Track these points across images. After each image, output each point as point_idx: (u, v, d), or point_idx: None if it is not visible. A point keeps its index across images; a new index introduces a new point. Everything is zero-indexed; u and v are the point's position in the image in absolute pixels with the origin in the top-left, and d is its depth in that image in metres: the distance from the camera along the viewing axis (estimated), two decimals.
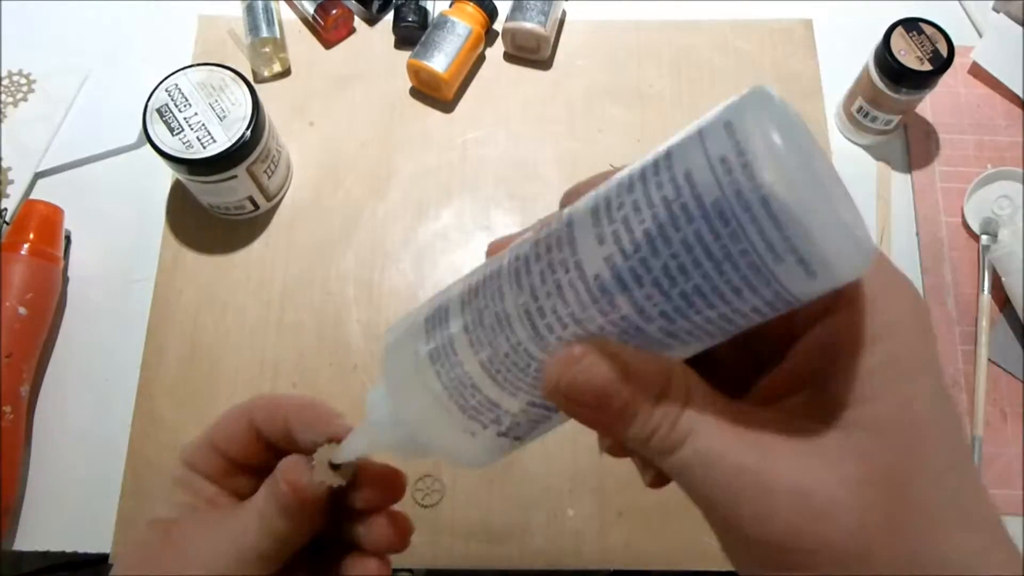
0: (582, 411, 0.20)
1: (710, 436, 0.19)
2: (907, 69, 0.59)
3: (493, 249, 0.23)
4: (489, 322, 0.21)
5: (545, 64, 0.72)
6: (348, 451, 0.26)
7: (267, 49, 0.69)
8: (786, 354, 0.20)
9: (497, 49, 0.72)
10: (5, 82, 0.70)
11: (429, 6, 0.72)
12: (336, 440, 0.27)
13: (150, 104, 0.58)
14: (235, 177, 0.59)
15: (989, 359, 0.61)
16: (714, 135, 0.18)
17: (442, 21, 0.68)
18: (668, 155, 0.19)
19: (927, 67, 0.59)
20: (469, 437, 0.22)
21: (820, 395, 0.19)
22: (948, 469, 0.18)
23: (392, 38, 0.72)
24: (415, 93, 0.70)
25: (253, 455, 0.29)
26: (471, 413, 0.22)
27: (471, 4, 0.69)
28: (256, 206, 0.64)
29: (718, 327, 0.19)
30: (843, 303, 0.19)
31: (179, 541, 0.27)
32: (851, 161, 0.68)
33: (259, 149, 0.59)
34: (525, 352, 0.20)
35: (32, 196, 0.66)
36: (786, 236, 0.17)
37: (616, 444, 0.23)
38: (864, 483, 0.18)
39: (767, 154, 0.17)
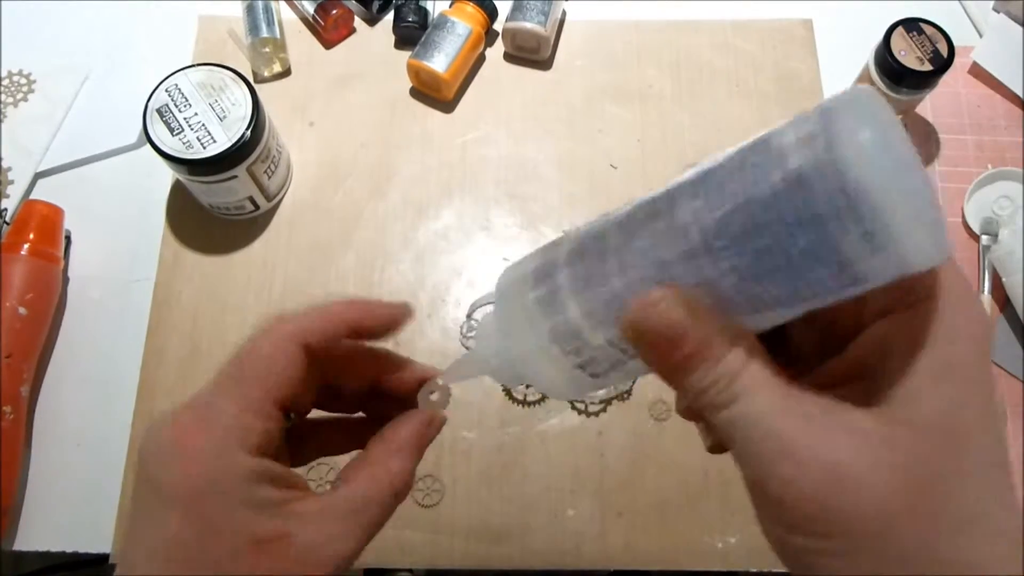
0: (652, 352, 0.21)
1: (760, 399, 0.20)
2: (907, 69, 0.59)
3: None
4: (589, 261, 0.23)
5: (545, 64, 0.72)
6: (457, 376, 0.29)
7: (267, 49, 0.69)
8: (849, 344, 0.22)
9: (497, 49, 0.72)
10: (5, 82, 0.70)
11: (429, 6, 0.72)
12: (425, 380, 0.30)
13: (150, 104, 0.58)
14: (235, 177, 0.59)
15: None
16: (806, 118, 0.20)
17: (442, 21, 0.68)
18: (767, 134, 0.21)
19: (927, 67, 0.59)
20: (551, 363, 0.25)
21: (873, 388, 0.20)
22: (980, 476, 0.19)
23: (392, 38, 0.72)
24: (415, 93, 0.70)
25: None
26: (557, 337, 0.24)
27: (471, 4, 0.69)
28: (256, 206, 0.64)
29: (787, 296, 0.20)
30: (909, 304, 0.20)
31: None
32: None
33: (259, 149, 0.59)
34: (612, 289, 0.22)
35: (32, 196, 0.66)
36: (854, 207, 0.18)
37: (689, 408, 0.25)
38: (895, 470, 0.19)
39: (848, 135, 0.18)
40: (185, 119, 0.57)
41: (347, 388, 0.30)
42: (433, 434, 0.29)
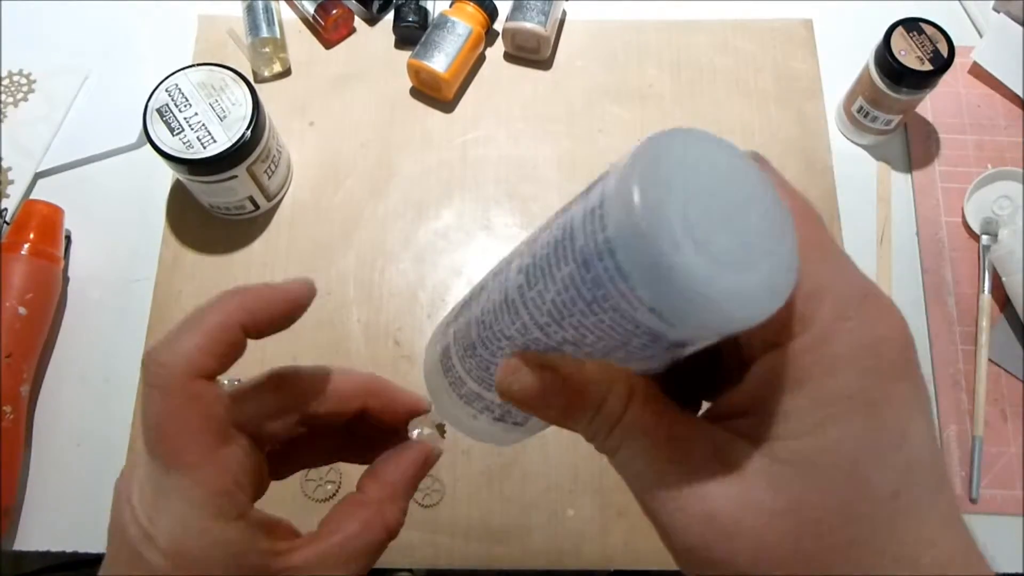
0: (530, 412, 0.22)
1: (640, 446, 0.20)
2: (907, 69, 0.59)
3: None
4: (464, 338, 0.24)
5: (545, 64, 0.72)
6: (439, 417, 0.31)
7: (267, 49, 0.69)
8: (745, 375, 0.21)
9: (497, 49, 0.72)
10: (5, 82, 0.70)
11: (429, 6, 0.72)
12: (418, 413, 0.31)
13: (150, 104, 0.58)
14: (235, 177, 0.59)
15: (989, 359, 0.61)
16: (598, 185, 0.19)
17: (442, 21, 0.68)
18: (570, 203, 0.20)
19: (927, 67, 0.59)
20: (475, 421, 0.26)
21: (760, 422, 0.19)
22: (869, 511, 0.18)
23: (392, 38, 0.72)
24: (415, 93, 0.70)
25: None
26: (467, 401, 0.26)
27: (471, 4, 0.69)
28: (256, 206, 0.64)
29: (626, 357, 0.20)
30: (796, 332, 0.19)
31: None
32: (851, 161, 0.68)
33: (259, 149, 0.59)
34: (482, 359, 0.24)
35: (32, 196, 0.66)
36: (632, 288, 0.17)
37: None
38: (776, 514, 0.18)
39: (618, 205, 0.17)
40: (185, 119, 0.57)
41: (328, 418, 0.29)
42: (428, 468, 0.29)
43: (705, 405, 0.24)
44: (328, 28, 0.70)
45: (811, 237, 0.20)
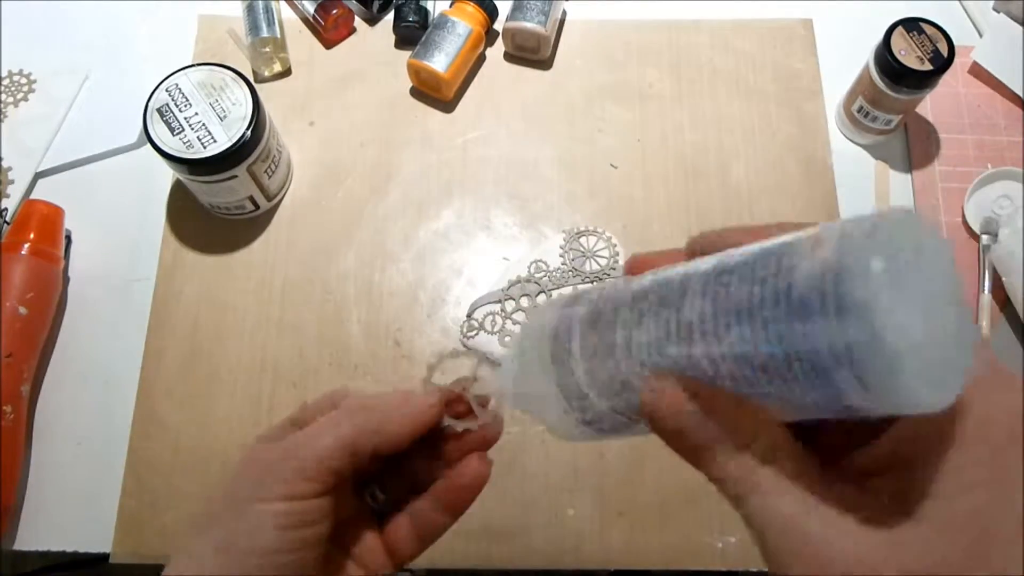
0: (665, 438, 0.22)
1: (779, 497, 0.20)
2: (907, 69, 0.59)
3: (634, 264, 0.26)
4: (601, 331, 0.24)
5: (545, 64, 0.72)
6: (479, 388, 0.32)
7: (267, 49, 0.69)
8: (884, 433, 0.21)
9: (497, 49, 0.72)
10: (5, 82, 0.70)
11: (429, 6, 0.72)
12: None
13: (150, 104, 0.58)
14: (235, 177, 0.59)
15: None
16: (829, 239, 0.18)
17: (442, 21, 0.68)
18: (784, 243, 0.20)
19: (927, 67, 0.59)
20: (563, 416, 0.26)
21: (904, 482, 0.19)
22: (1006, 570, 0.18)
23: (392, 38, 0.72)
24: (415, 93, 0.70)
25: None
26: (565, 394, 0.26)
27: (471, 4, 0.69)
28: (256, 206, 0.64)
29: (790, 409, 0.20)
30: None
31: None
32: (851, 161, 0.68)
33: (259, 149, 0.59)
34: (616, 365, 0.23)
35: (32, 196, 0.66)
36: (848, 349, 0.17)
37: None
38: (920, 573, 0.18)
39: (860, 273, 0.17)
40: (185, 119, 0.57)
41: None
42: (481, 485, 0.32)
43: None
44: (328, 28, 0.70)
45: None
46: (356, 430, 0.29)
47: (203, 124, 0.57)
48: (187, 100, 0.58)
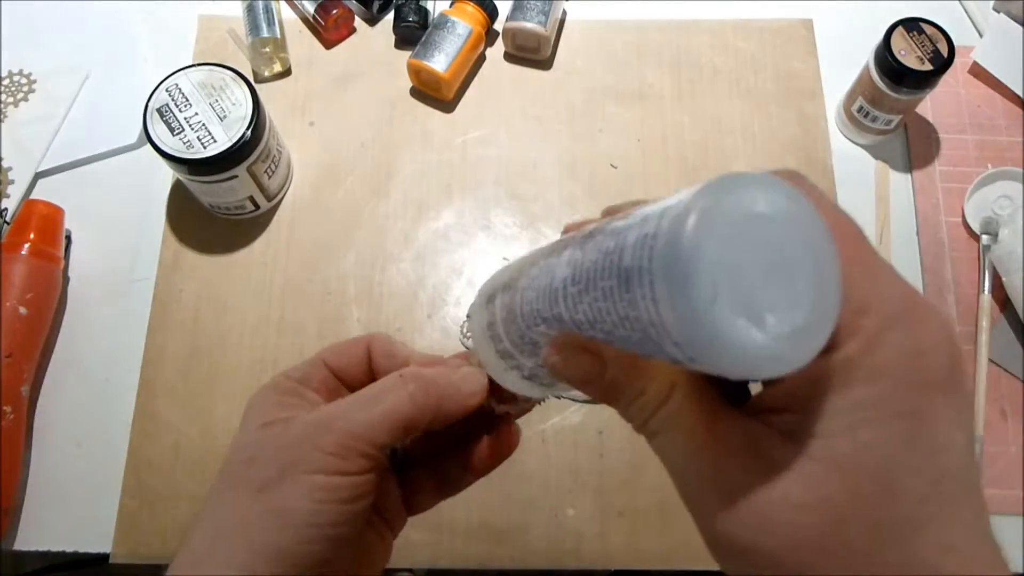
0: (574, 386, 0.24)
1: (676, 442, 0.22)
2: (907, 69, 0.59)
3: (564, 231, 0.26)
4: (508, 303, 0.26)
5: (545, 64, 0.72)
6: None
7: (267, 49, 0.69)
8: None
9: (497, 49, 0.72)
10: (5, 82, 0.70)
11: (429, 6, 0.72)
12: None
13: (150, 104, 0.58)
14: (235, 177, 0.59)
15: (989, 359, 0.61)
16: (657, 211, 0.19)
17: (442, 21, 0.68)
18: (633, 211, 0.21)
19: (927, 67, 0.59)
20: (506, 373, 0.28)
21: (797, 419, 0.20)
22: (894, 515, 0.19)
23: (392, 38, 0.72)
24: (415, 93, 0.70)
25: (360, 379, 0.31)
26: (502, 356, 0.28)
27: (471, 4, 0.69)
28: (256, 206, 0.64)
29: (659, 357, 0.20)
30: (841, 342, 0.20)
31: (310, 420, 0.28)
32: (851, 161, 0.68)
33: (259, 149, 0.59)
34: (519, 327, 0.25)
35: (32, 196, 0.66)
36: (663, 322, 0.18)
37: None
38: (805, 510, 0.19)
39: (667, 244, 0.18)
40: (185, 119, 0.57)
41: (377, 363, 0.32)
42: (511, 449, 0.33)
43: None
44: (328, 28, 0.70)
45: (854, 253, 0.20)
46: (416, 407, 0.27)
47: (203, 124, 0.57)
48: (187, 100, 0.58)
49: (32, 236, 0.60)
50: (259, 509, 0.26)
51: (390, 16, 0.72)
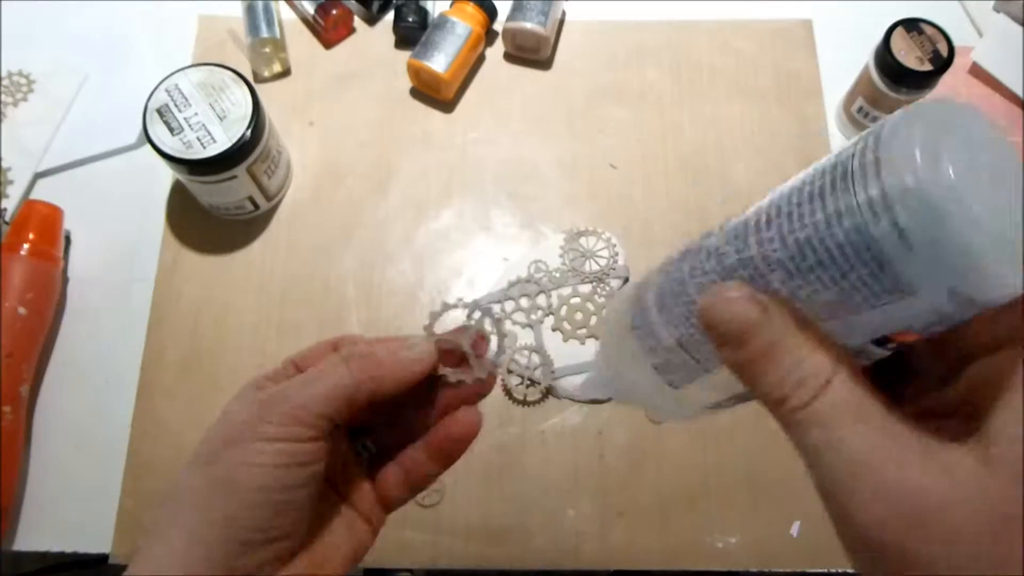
0: (722, 344, 0.21)
1: (849, 427, 0.19)
2: (907, 69, 0.59)
3: None
4: (670, 282, 0.24)
5: (545, 64, 0.72)
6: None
7: (267, 49, 0.69)
8: (955, 377, 0.21)
9: (497, 49, 0.72)
10: (5, 82, 0.70)
11: (429, 6, 0.72)
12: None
13: (150, 104, 0.58)
14: (235, 177, 0.59)
15: None
16: (874, 131, 0.19)
17: (442, 21, 0.68)
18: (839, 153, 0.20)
19: (927, 67, 0.59)
20: (658, 388, 0.26)
21: (971, 424, 0.19)
22: None
23: (392, 38, 0.72)
24: (415, 93, 0.70)
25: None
26: (650, 356, 0.26)
27: (471, 4, 0.69)
28: (256, 206, 0.64)
29: (840, 305, 0.19)
30: (1016, 340, 0.19)
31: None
32: None
33: (259, 149, 0.59)
34: (683, 296, 0.23)
35: (32, 196, 0.66)
36: (885, 197, 0.17)
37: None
38: (981, 515, 0.18)
39: (896, 149, 0.17)
40: (185, 119, 0.57)
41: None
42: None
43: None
44: (328, 28, 0.70)
45: None
46: (353, 378, 0.29)
47: (203, 124, 0.57)
48: (187, 100, 0.58)
49: (32, 236, 0.60)
50: (207, 480, 0.27)
51: (390, 16, 0.72)
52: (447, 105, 0.70)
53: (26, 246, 0.59)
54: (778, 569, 0.55)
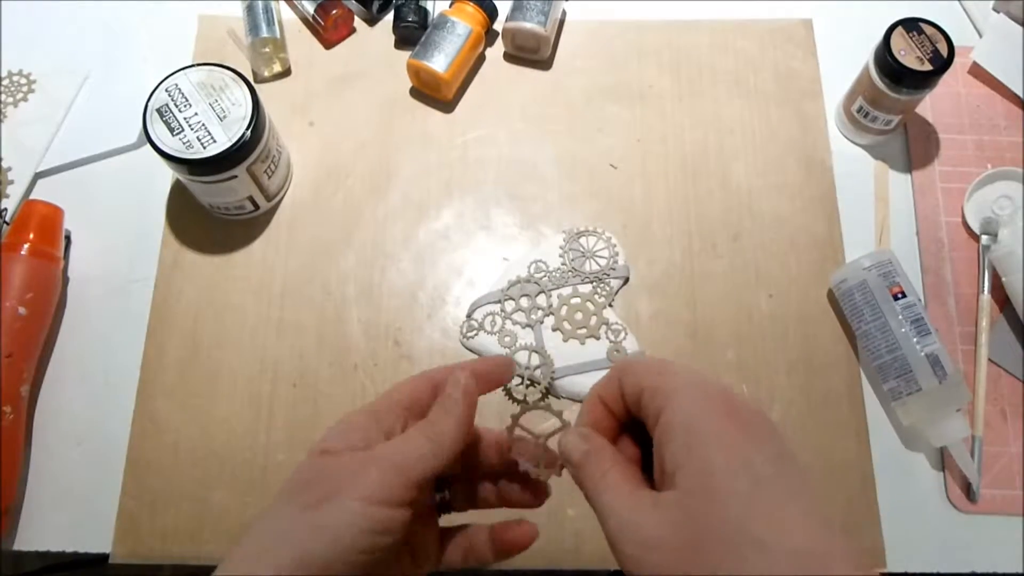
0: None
1: (608, 497, 0.31)
2: (907, 69, 0.59)
3: None
4: None
5: (545, 64, 0.72)
6: None
7: (267, 49, 0.69)
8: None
9: (497, 49, 0.72)
10: (5, 82, 0.70)
11: (429, 6, 0.72)
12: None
13: (150, 104, 0.58)
14: (235, 177, 0.59)
15: (989, 359, 0.61)
16: None
17: (442, 21, 0.68)
18: None
19: (927, 67, 0.59)
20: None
21: (663, 468, 0.29)
22: (740, 514, 0.26)
23: (392, 38, 0.72)
24: (415, 93, 0.70)
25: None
26: None
27: (471, 4, 0.69)
28: (256, 206, 0.64)
29: None
30: (661, 412, 0.29)
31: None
32: (851, 161, 0.68)
33: (259, 149, 0.59)
34: None
35: (32, 196, 0.66)
36: None
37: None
38: (676, 525, 0.27)
39: None
40: (185, 119, 0.57)
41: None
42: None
43: None
44: (328, 28, 0.70)
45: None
46: (451, 451, 0.33)
47: (203, 124, 0.57)
48: (187, 100, 0.58)
49: (32, 236, 0.60)
50: (304, 523, 0.30)
51: (390, 16, 0.72)
52: (447, 105, 0.70)
53: (26, 246, 0.59)
54: None
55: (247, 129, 0.57)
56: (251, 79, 0.60)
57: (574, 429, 0.33)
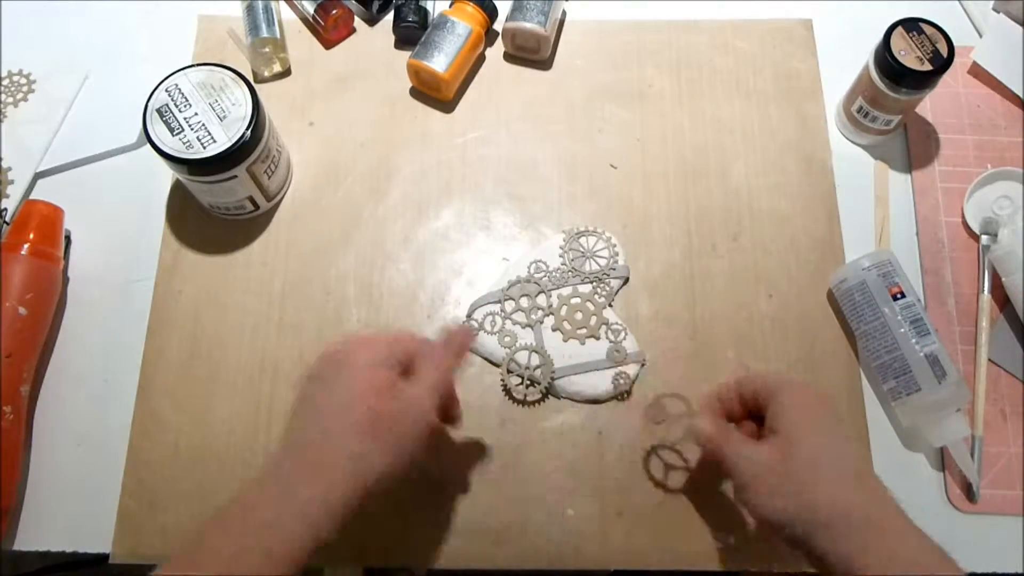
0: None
1: (733, 448, 0.47)
2: (907, 69, 0.59)
3: None
4: None
5: (545, 64, 0.72)
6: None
7: (267, 49, 0.69)
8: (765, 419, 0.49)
9: (497, 49, 0.72)
10: (5, 82, 0.70)
11: (429, 6, 0.72)
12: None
13: (150, 104, 0.58)
14: (235, 177, 0.59)
15: (989, 359, 0.61)
16: None
17: (442, 21, 0.68)
18: None
19: (927, 67, 0.59)
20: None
21: (771, 427, 0.47)
22: (825, 462, 0.44)
23: (392, 38, 0.72)
24: (415, 93, 0.70)
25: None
26: None
27: (471, 4, 0.69)
28: (256, 206, 0.64)
29: None
30: (770, 402, 0.48)
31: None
32: (851, 161, 0.68)
33: (259, 149, 0.59)
34: None
35: (32, 196, 0.66)
36: None
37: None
38: (778, 455, 0.45)
39: None
40: (185, 119, 0.57)
41: None
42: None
43: None
44: (328, 28, 0.70)
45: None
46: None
47: (203, 124, 0.57)
48: (187, 100, 0.58)
49: (32, 236, 0.60)
50: (371, 416, 0.43)
51: (390, 16, 0.72)
52: (447, 105, 0.70)
53: (26, 246, 0.59)
54: (777, 569, 0.55)
55: (247, 129, 0.57)
56: (251, 79, 0.60)
57: (700, 415, 0.50)
